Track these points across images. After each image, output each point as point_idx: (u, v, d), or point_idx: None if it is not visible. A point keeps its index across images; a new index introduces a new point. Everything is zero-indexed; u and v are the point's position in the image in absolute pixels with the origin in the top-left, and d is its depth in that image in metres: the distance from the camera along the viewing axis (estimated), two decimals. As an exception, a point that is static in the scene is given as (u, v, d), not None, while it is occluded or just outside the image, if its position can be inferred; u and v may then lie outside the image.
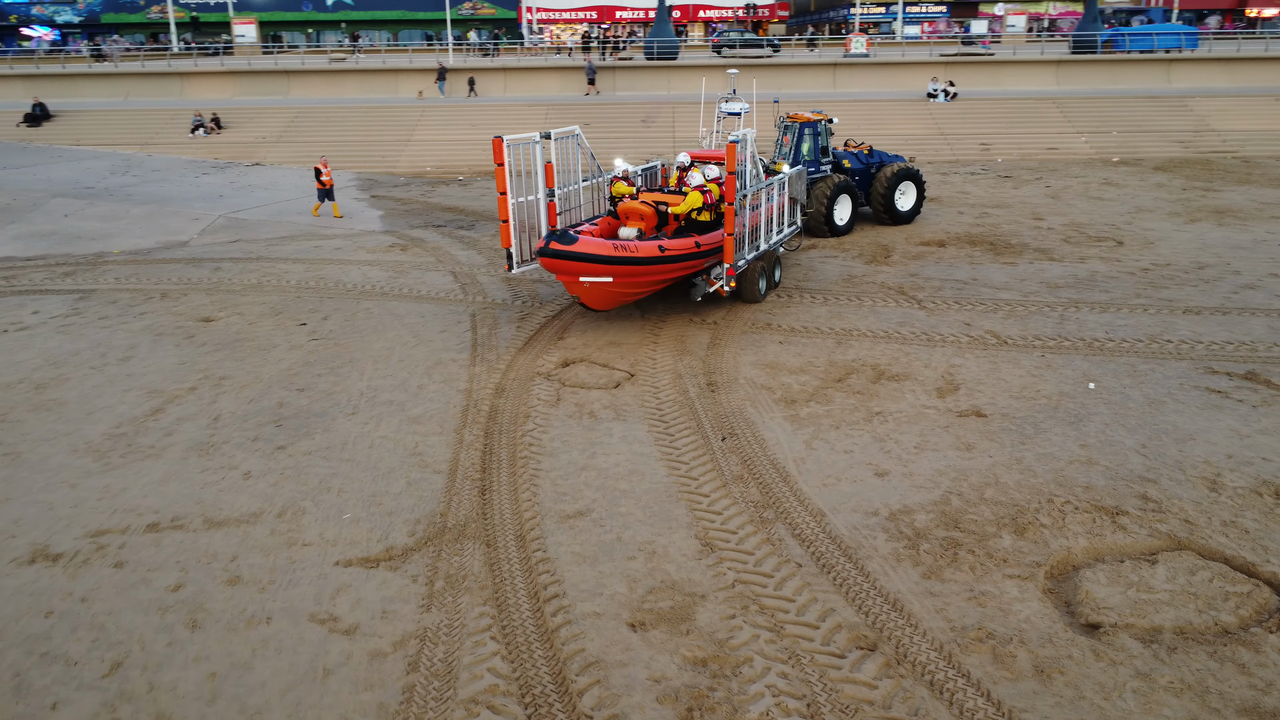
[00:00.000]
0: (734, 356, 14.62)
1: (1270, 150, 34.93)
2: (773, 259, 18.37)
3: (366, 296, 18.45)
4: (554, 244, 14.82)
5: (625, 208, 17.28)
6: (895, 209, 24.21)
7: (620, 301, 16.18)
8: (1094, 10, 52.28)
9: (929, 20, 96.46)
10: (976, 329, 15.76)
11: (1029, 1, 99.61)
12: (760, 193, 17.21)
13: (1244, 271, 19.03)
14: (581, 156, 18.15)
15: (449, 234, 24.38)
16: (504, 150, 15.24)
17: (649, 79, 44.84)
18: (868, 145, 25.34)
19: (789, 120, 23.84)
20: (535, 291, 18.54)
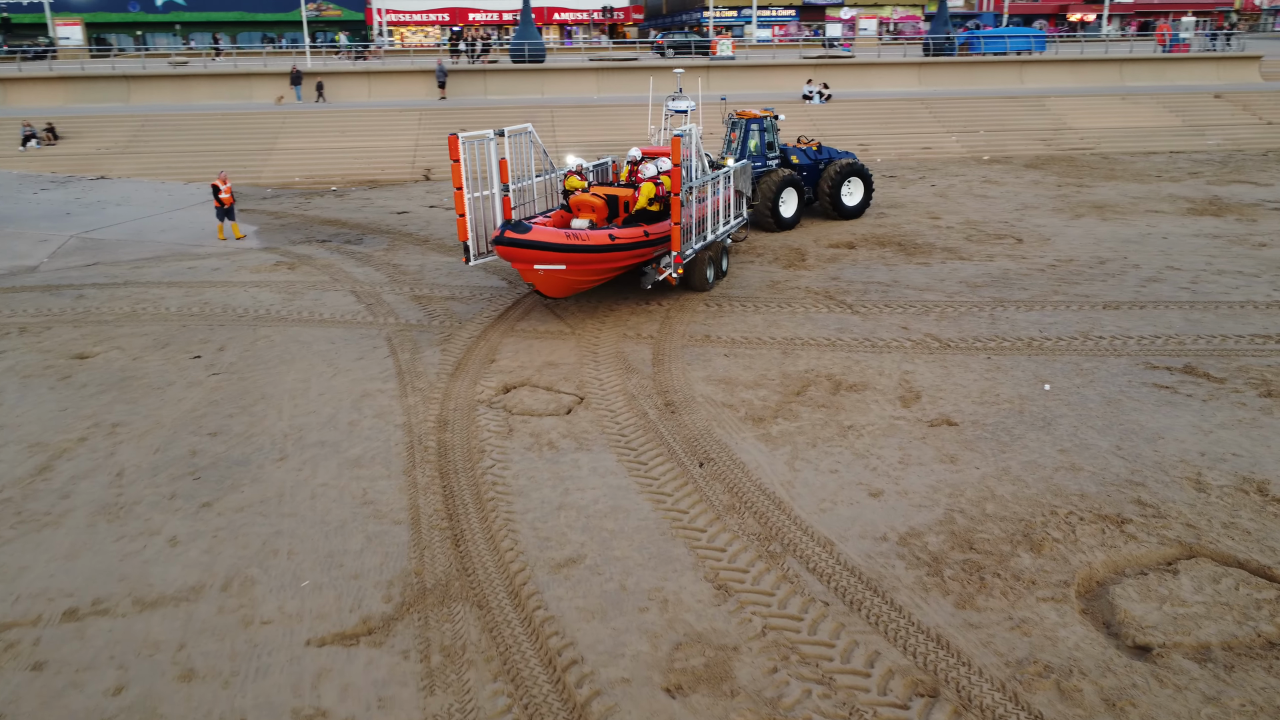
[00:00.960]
0: (682, 372, 13.92)
1: (1123, 146, 36.91)
2: (720, 249, 18.97)
3: (262, 322, 16.81)
4: (509, 233, 15.34)
5: (577, 200, 17.95)
6: (842, 204, 24.62)
7: (574, 289, 16.73)
8: (944, 14, 54.39)
9: (780, 24, 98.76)
10: (915, 332, 15.60)
11: (871, 6, 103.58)
12: (706, 186, 17.77)
13: (1142, 265, 19.69)
14: (535, 152, 18.56)
15: (337, 250, 22.74)
16: (459, 147, 15.76)
17: (520, 82, 43.69)
18: (816, 142, 25.75)
19: (737, 116, 24.19)
20: (451, 310, 17.34)
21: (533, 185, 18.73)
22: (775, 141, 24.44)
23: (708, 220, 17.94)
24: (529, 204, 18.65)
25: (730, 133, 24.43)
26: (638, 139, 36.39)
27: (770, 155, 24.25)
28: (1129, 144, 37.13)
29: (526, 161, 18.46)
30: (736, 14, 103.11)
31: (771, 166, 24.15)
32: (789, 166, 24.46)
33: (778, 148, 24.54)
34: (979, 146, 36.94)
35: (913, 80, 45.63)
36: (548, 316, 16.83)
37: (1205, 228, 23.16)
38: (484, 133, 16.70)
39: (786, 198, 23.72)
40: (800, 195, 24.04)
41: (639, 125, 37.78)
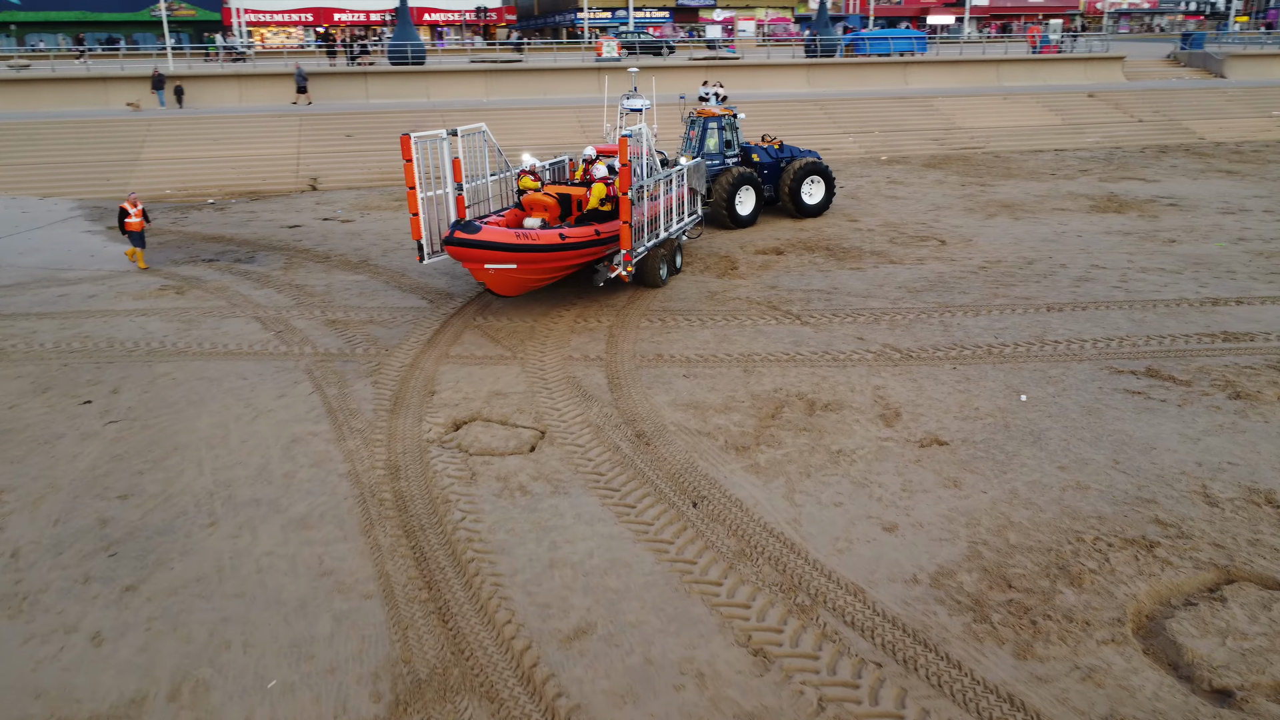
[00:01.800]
0: (645, 398, 12.93)
1: (1011, 145, 37.85)
2: (673, 247, 19.22)
3: (158, 357, 14.96)
4: (458, 233, 15.31)
5: (529, 199, 18.02)
6: (803, 202, 24.68)
7: (526, 287, 16.77)
8: (824, 16, 55.06)
9: (654, 25, 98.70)
10: (872, 343, 15.05)
11: (742, 8, 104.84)
12: (658, 185, 18.03)
13: (1068, 264, 19.79)
14: (489, 152, 18.72)
15: (228, 270, 20.76)
16: (412, 147, 15.78)
17: (403, 85, 41.74)
18: (779, 140, 25.56)
19: (696, 115, 24.21)
20: (373, 336, 15.85)
21: (487, 184, 18.87)
22: (735, 140, 24.32)
23: (660, 218, 18.21)
24: (483, 203, 18.76)
25: (689, 131, 24.34)
26: (536, 144, 35.16)
27: (729, 153, 24.16)
28: (1015, 143, 38.09)
29: (481, 161, 18.56)
30: (611, 15, 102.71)
31: (729, 165, 23.98)
32: (750, 165, 24.41)
33: (737, 146, 24.44)
34: (875, 147, 37.22)
35: (802, 81, 45.84)
36: (482, 340, 15.56)
37: (1114, 225, 23.61)
38: (437, 132, 16.95)
39: (743, 196, 23.65)
40: (759, 193, 24.00)
41: (536, 128, 36.57)
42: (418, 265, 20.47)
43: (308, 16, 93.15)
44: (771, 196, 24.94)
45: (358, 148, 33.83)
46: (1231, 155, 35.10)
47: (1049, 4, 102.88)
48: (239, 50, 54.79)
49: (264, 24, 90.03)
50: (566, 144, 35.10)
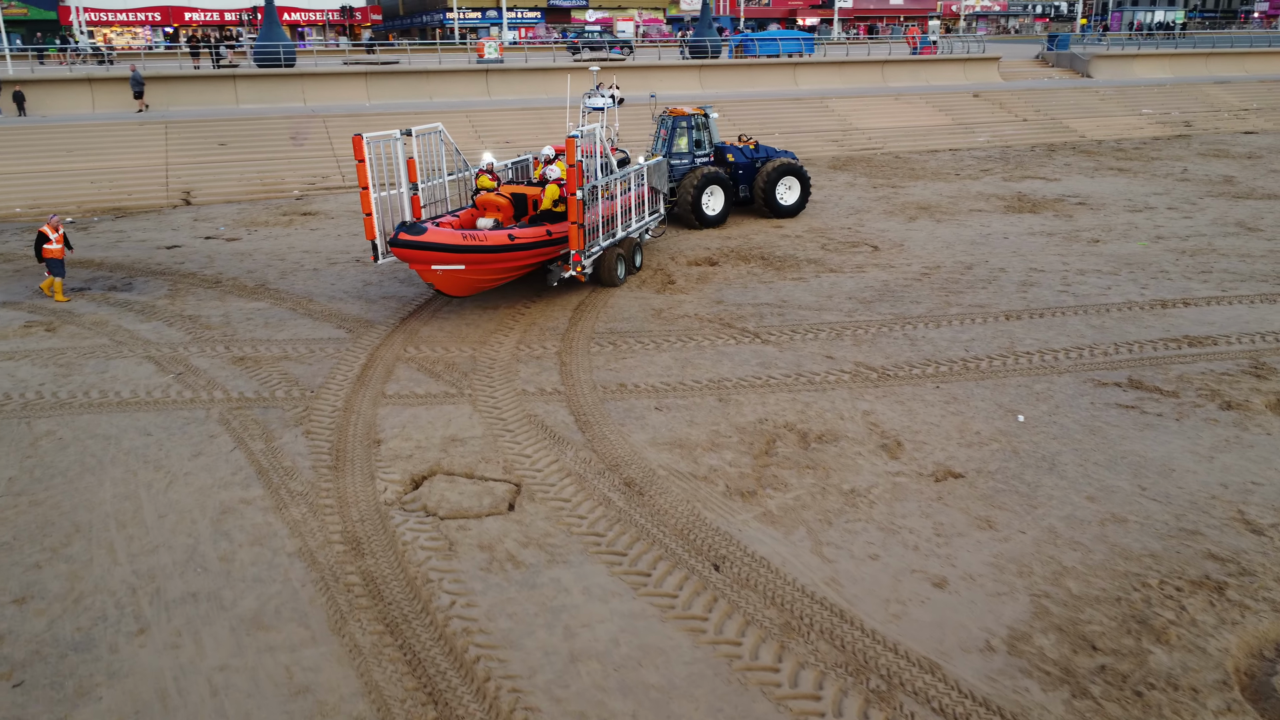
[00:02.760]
0: (621, 437, 11.64)
1: (907, 145, 38.07)
2: (633, 246, 19.23)
3: (37, 413, 12.74)
4: (403, 234, 15.21)
5: (482, 199, 17.86)
6: (777, 202, 24.40)
7: (476, 288, 16.71)
8: (708, 16, 54.66)
9: (527, 25, 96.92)
10: (843, 361, 14.18)
11: (614, 9, 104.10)
12: (615, 184, 18.18)
13: (1006, 268, 19.50)
14: (446, 152, 18.55)
15: (103, 300, 18.33)
16: (364, 147, 15.80)
17: (277, 89, 38.92)
18: (754, 140, 25.24)
19: (668, 114, 23.92)
20: (290, 375, 14.00)
21: (444, 184, 18.70)
22: (707, 139, 24.05)
23: (617, 218, 18.43)
24: (440, 203, 18.59)
25: (660, 130, 24.04)
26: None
27: (700, 153, 23.93)
28: (911, 143, 38.34)
29: (437, 160, 18.52)
30: (480, 15, 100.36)
31: (697, 164, 23.65)
32: (724, 165, 24.10)
33: (710, 145, 24.18)
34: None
35: (694, 83, 45.17)
36: (419, 375, 13.94)
37: (1034, 225, 23.62)
38: (390, 133, 16.97)
39: (710, 195, 23.36)
40: (728, 193, 23.66)
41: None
42: (324, 289, 18.65)
43: (155, 15, 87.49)
44: (746, 197, 24.67)
45: (233, 157, 31.16)
46: (1116, 153, 36.18)
47: (909, 6, 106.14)
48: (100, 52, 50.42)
49: (106, 23, 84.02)
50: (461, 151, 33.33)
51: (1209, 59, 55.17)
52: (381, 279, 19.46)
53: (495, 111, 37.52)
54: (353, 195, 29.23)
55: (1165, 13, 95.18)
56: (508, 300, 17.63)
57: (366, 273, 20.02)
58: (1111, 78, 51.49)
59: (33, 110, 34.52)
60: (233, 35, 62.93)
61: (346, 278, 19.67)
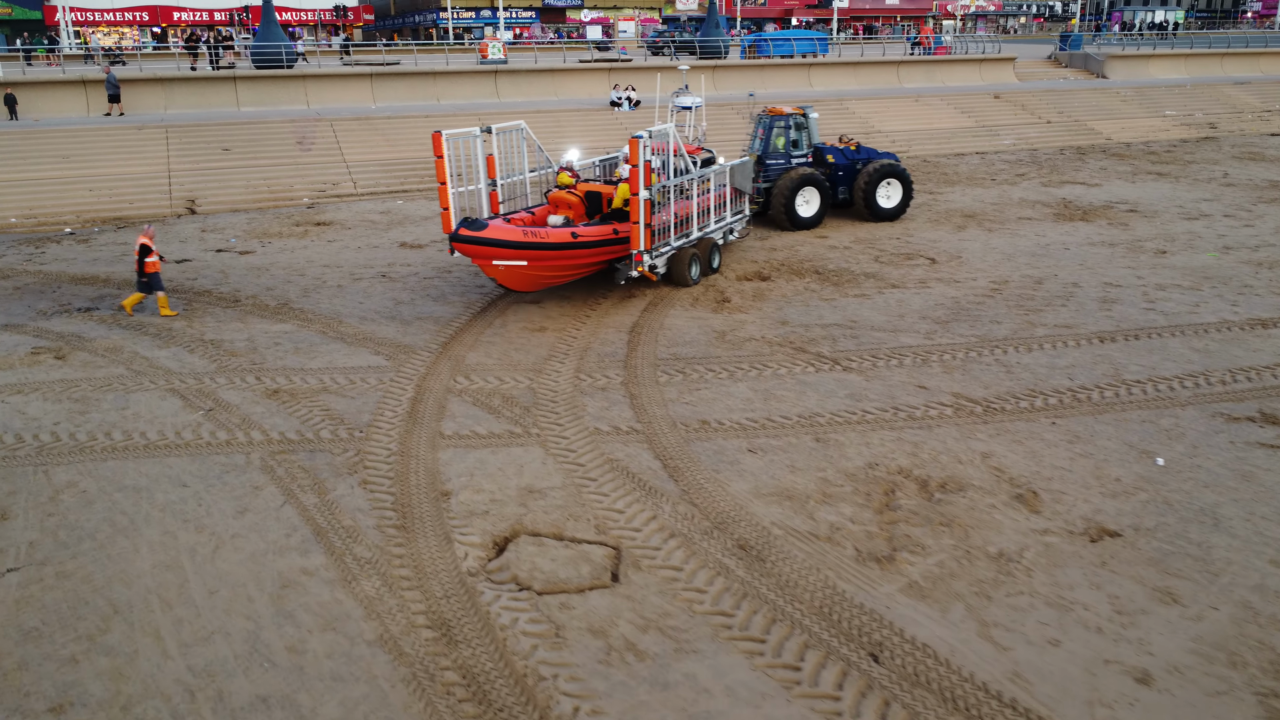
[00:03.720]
0: (719, 487, 10.36)
1: (933, 149, 36.91)
2: (709, 246, 19.07)
3: (54, 458, 11.36)
4: (464, 230, 15.41)
5: (554, 196, 18.05)
6: (877, 206, 23.79)
7: (541, 284, 16.95)
8: (715, 16, 53.39)
9: (522, 25, 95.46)
10: (939, 393, 12.95)
11: (610, 9, 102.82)
12: (692, 183, 18.16)
13: (1079, 283, 18.35)
14: (528, 149, 18.83)
15: (113, 322, 16.92)
16: (443, 143, 16.22)
17: (279, 91, 37.41)
18: (855, 141, 24.76)
19: (765, 113, 23.69)
20: (333, 411, 12.65)
21: (525, 180, 19.12)
22: (805, 139, 23.65)
23: (693, 218, 18.38)
24: (520, 199, 19.02)
25: (757, 129, 23.81)
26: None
27: (797, 153, 23.51)
28: (936, 146, 37.20)
29: (519, 157, 18.82)
30: (475, 15, 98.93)
31: (794, 165, 23.23)
32: (823, 165, 23.65)
33: (808, 146, 23.77)
34: (801, 153, 35.53)
35: (707, 84, 43.83)
36: (476, 410, 12.62)
37: (1091, 235, 22.48)
38: (470, 130, 17.40)
39: (806, 197, 22.89)
40: (825, 195, 23.12)
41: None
42: (352, 308, 17.34)
43: (143, 15, 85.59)
44: (845, 199, 24.12)
45: (238, 163, 29.69)
46: (1149, 156, 35.14)
47: (905, 6, 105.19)
48: (112, 52, 48.72)
49: (93, 24, 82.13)
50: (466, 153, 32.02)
51: (1224, 59, 54.33)
52: (413, 296, 18.12)
53: (508, 115, 36.11)
54: (367, 204, 27.88)
55: (1166, 13, 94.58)
56: (555, 323, 16.34)
57: (395, 289, 18.67)
58: (1127, 78, 50.56)
59: (24, 113, 32.94)
60: (229, 35, 61.09)
61: (374, 295, 18.31)
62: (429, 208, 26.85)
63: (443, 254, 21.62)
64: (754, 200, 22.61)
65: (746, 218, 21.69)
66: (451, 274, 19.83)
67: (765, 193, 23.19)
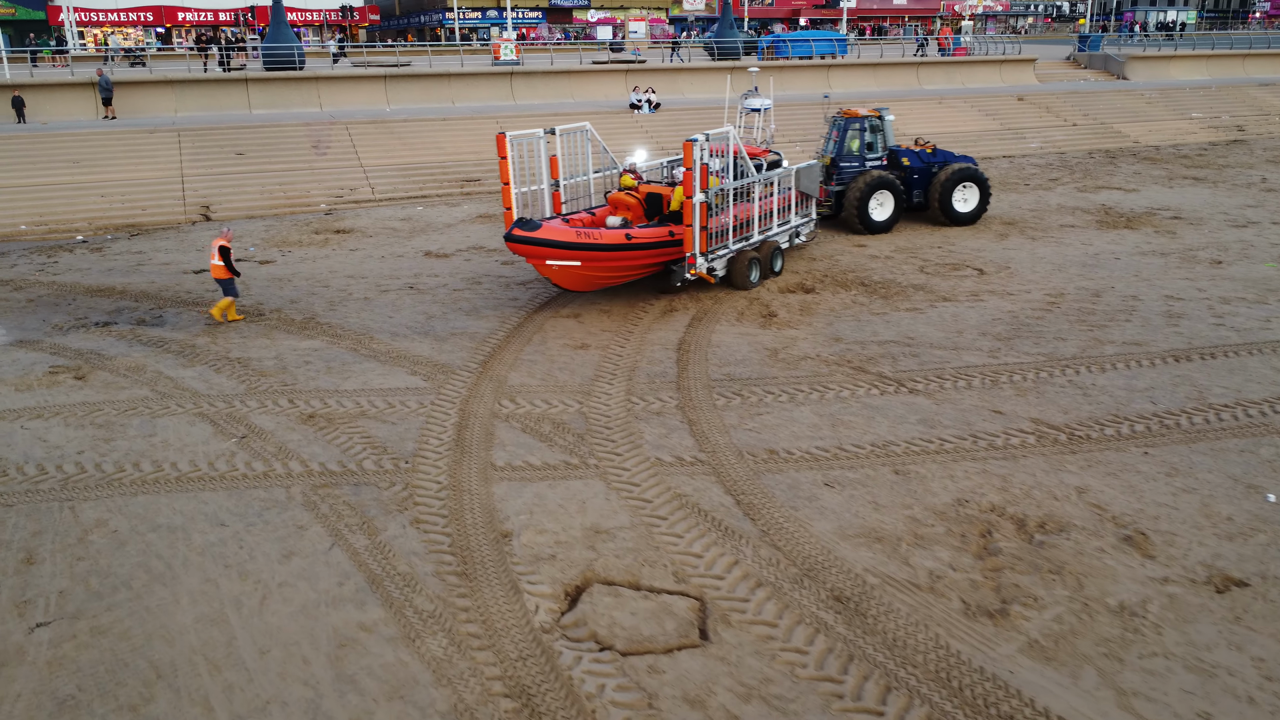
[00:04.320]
0: (801, 527, 9.60)
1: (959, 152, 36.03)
2: (771, 250, 18.78)
3: (80, 492, 10.60)
4: (517, 230, 15.65)
5: (613, 197, 18.19)
6: (953, 210, 23.38)
7: (595, 284, 17.02)
8: (729, 17, 52.64)
9: (528, 26, 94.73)
10: (1016, 418, 12.19)
11: (617, 9, 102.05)
12: (754, 186, 18.15)
13: (1138, 295, 17.60)
14: (593, 150, 19.17)
15: (133, 337, 16.16)
16: (507, 144, 16.51)
17: (291, 93, 36.66)
18: (931, 144, 24.47)
19: (840, 115, 23.31)
20: (376, 439, 11.89)
21: (589, 181, 19.35)
22: (879, 142, 23.20)
23: (754, 221, 18.37)
24: (583, 199, 19.18)
25: (831, 131, 23.38)
26: (453, 159, 31.13)
27: (871, 156, 23.06)
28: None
29: (583, 158, 19.15)
30: (481, 15, 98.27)
31: (867, 168, 22.78)
32: (898, 169, 23.21)
33: (883, 148, 23.31)
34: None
35: (725, 86, 43.05)
36: (527, 438, 11.86)
37: (1140, 244, 21.73)
38: (533, 131, 17.66)
39: (879, 201, 22.51)
40: (898, 199, 22.71)
41: (449, 140, 32.49)
42: (382, 323, 16.63)
43: (147, 16, 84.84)
44: (920, 203, 23.68)
45: (252, 167, 28.94)
46: (1181, 160, 34.38)
47: (912, 6, 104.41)
48: (132, 53, 47.99)
49: (97, 24, 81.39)
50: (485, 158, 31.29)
51: (1245, 60, 53.60)
52: (444, 310, 17.36)
53: (527, 118, 35.36)
54: (387, 210, 27.13)
55: (1176, 13, 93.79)
56: (597, 339, 15.59)
57: (425, 302, 17.91)
58: (1148, 79, 49.80)
59: (32, 116, 32.20)
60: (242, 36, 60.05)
61: (403, 308, 17.55)
62: (450, 214, 26.10)
63: (470, 264, 20.89)
64: (822, 203, 22.39)
65: (814, 221, 21.40)
66: (482, 285, 19.08)
67: (837, 196, 22.86)
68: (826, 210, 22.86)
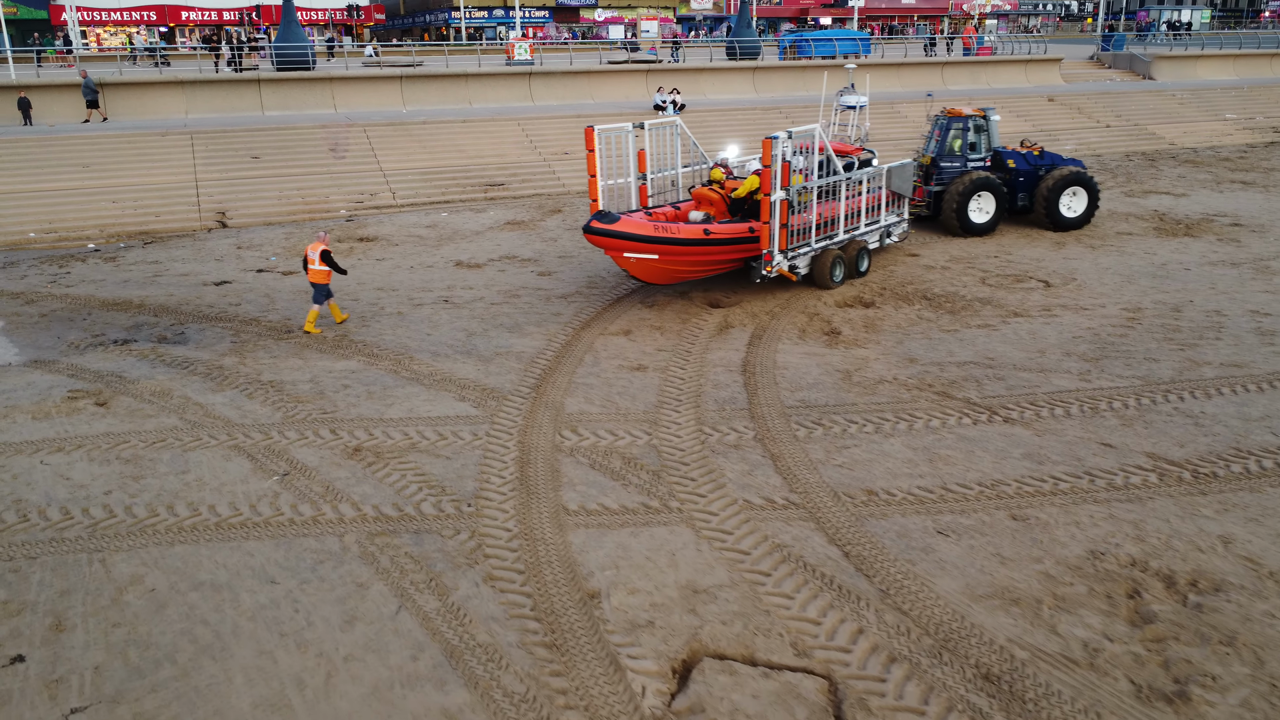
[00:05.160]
0: (923, 584, 8.56)
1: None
2: (858, 249, 18.61)
3: (110, 541, 9.54)
4: (594, 222, 15.78)
5: (696, 193, 18.25)
6: (1060, 215, 22.54)
7: (673, 278, 17.15)
8: (747, 16, 51.57)
9: (536, 25, 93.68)
10: (1130, 453, 11.15)
11: (624, 8, 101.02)
12: (840, 185, 17.94)
13: (1223, 311, 16.56)
14: (683, 145, 19.31)
15: (156, 357, 15.10)
16: (595, 138, 16.78)
17: (304, 94, 35.57)
18: (1039, 145, 23.62)
19: (944, 114, 22.80)
20: (432, 477, 10.84)
21: (678, 175, 19.49)
22: (984, 142, 22.52)
23: (839, 220, 18.22)
24: (670, 193, 19.36)
25: (934, 130, 22.83)
26: (476, 162, 30.07)
27: (974, 156, 22.42)
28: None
29: (672, 153, 19.22)
30: (487, 15, 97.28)
31: (969, 168, 22.19)
32: (1003, 170, 22.50)
33: (987, 149, 22.64)
34: (857, 159, 33.72)
35: (747, 86, 42.13)
36: (598, 476, 10.81)
37: (1206, 253, 20.68)
38: (623, 125, 18.07)
39: (981, 203, 21.93)
40: (1001, 202, 22.08)
41: (470, 142, 31.43)
42: (419, 341, 15.58)
43: (150, 15, 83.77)
44: (1025, 206, 22.96)
45: (268, 171, 27.87)
46: (1223, 163, 33.34)
47: (921, 5, 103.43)
48: (154, 51, 46.96)
49: (100, 23, 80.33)
50: (508, 161, 30.36)
51: (1274, 60, 52.54)
52: (484, 326, 16.32)
53: (548, 119, 34.34)
54: (410, 216, 26.08)
55: (1191, 11, 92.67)
56: (653, 359, 14.55)
57: (462, 317, 16.87)
58: (1175, 79, 48.73)
59: (39, 118, 31.11)
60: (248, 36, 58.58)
61: (440, 325, 16.50)
62: (477, 221, 25.03)
63: (505, 275, 19.84)
64: (916, 203, 22.02)
65: (903, 222, 20.88)
66: (520, 299, 18.03)
67: (936, 196, 22.37)
68: (923, 211, 22.53)
